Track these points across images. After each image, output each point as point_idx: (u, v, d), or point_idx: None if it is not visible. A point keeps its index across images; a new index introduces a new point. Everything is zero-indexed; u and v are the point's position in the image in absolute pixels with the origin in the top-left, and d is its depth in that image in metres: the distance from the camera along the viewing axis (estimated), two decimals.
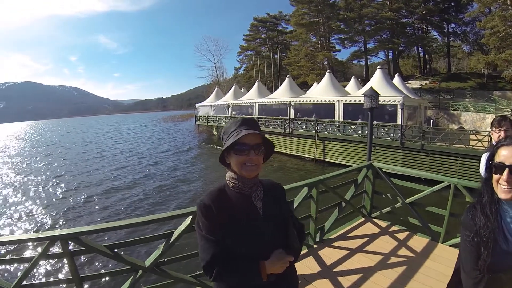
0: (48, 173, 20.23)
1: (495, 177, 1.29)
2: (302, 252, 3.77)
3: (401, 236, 4.40)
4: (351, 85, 25.99)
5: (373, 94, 4.91)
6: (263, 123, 24.27)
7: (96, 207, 12.35)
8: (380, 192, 5.06)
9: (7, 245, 7.65)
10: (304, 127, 20.74)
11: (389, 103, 17.40)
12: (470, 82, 33.50)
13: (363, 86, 23.00)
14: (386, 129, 16.06)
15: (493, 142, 2.67)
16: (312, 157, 19.17)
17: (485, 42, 28.40)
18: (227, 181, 1.48)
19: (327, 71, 25.03)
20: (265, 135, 1.40)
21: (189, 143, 33.10)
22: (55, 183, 17.06)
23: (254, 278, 1.36)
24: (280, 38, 56.90)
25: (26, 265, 2.77)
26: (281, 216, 1.51)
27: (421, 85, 34.65)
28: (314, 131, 19.36)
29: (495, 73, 32.16)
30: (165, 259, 3.06)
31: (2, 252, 7.77)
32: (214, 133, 34.33)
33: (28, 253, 6.07)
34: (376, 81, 19.16)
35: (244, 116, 27.69)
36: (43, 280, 5.92)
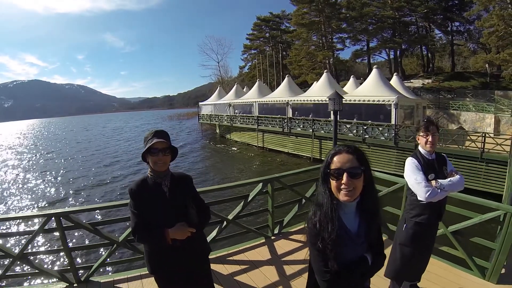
0: (50, 165, 24.62)
1: (335, 183, 1.39)
2: (258, 242, 4.53)
3: None
4: (350, 85, 26.19)
5: (336, 98, 5.06)
6: (262, 122, 24.69)
7: (91, 192, 15.88)
8: None
9: (12, 221, 9.31)
10: (301, 126, 20.96)
11: (383, 103, 17.49)
12: (473, 82, 33.08)
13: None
14: (380, 128, 16.14)
15: (419, 148, 2.78)
16: (309, 155, 19.31)
17: (483, 41, 28.22)
18: (148, 173, 2.16)
19: (325, 70, 25.25)
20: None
21: (193, 141, 34.62)
22: (59, 172, 21.44)
23: (161, 241, 2.04)
24: (283, 37, 56.77)
25: (28, 236, 3.64)
26: (183, 198, 2.17)
27: (423, 84, 34.47)
28: (311, 130, 19.67)
29: (498, 72, 31.78)
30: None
31: (9, 226, 9.58)
32: (217, 131, 34.90)
33: (29, 228, 7.08)
34: (372, 80, 19.57)
35: (244, 113, 28.64)
36: (41, 249, 7.50)
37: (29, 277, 5.85)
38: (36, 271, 3.84)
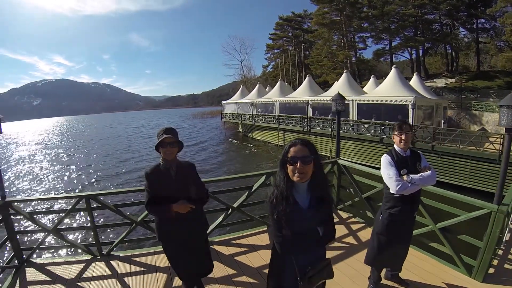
0: (79, 157, 28.27)
1: (291, 168, 1.79)
2: (260, 229, 5.04)
3: (356, 226, 5.04)
4: (370, 84, 26.19)
5: (338, 99, 5.42)
6: (283, 121, 25.03)
7: (114, 179, 18.69)
8: (345, 187, 5.60)
9: (48, 201, 11.38)
10: (321, 125, 21.17)
11: (400, 103, 17.45)
12: (499, 81, 32.12)
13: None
14: None
15: (395, 146, 3.05)
16: (328, 155, 19.56)
17: (505, 39, 27.40)
18: (160, 161, 2.75)
19: (345, 70, 25.30)
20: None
21: (213, 137, 36.30)
22: (87, 162, 24.78)
23: (166, 213, 2.64)
24: (305, 37, 56.78)
25: (62, 214, 4.43)
26: (186, 181, 2.76)
27: (446, 83, 33.73)
28: (330, 130, 19.85)
29: None
30: (152, 218, 4.29)
31: (45, 205, 11.16)
32: (240, 129, 35.41)
33: (62, 207, 7.86)
34: (390, 80, 19.60)
35: (266, 112, 29.18)
36: (73, 225, 8.87)
37: (60, 249, 7.13)
38: (66, 244, 4.65)
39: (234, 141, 32.48)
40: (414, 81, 22.48)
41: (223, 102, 41.30)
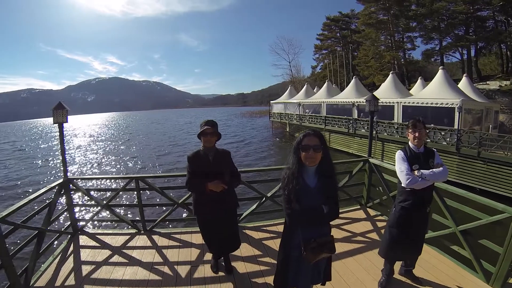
0: (129, 147, 32.91)
1: (304, 154, 2.13)
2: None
3: (381, 224, 5.11)
4: (417, 86, 25.58)
5: (372, 99, 5.78)
6: (329, 122, 25.12)
7: (161, 164, 22.26)
8: (375, 185, 5.75)
9: (103, 180, 12.70)
10: (365, 127, 20.95)
11: (446, 106, 16.85)
12: None
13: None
14: (442, 133, 15.52)
15: (409, 143, 3.23)
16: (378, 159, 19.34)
17: None
18: (200, 147, 3.30)
19: (391, 72, 24.85)
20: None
21: (258, 134, 38.30)
22: (137, 151, 29.73)
23: (201, 190, 3.21)
24: (353, 37, 55.71)
25: (113, 193, 5.17)
26: (221, 165, 3.29)
27: (500, 86, 31.78)
28: (374, 132, 19.12)
29: None
30: (191, 201, 4.86)
31: (100, 184, 12.47)
32: (287, 129, 35.59)
33: (114, 186, 8.38)
34: (436, 82, 18.97)
35: (314, 113, 30.06)
36: (122, 202, 10.31)
37: (109, 222, 8.09)
38: (115, 218, 5.40)
39: (279, 139, 33.03)
40: (463, 83, 21.40)
41: (271, 101, 42.12)
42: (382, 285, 3.39)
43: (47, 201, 4.49)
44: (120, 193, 5.30)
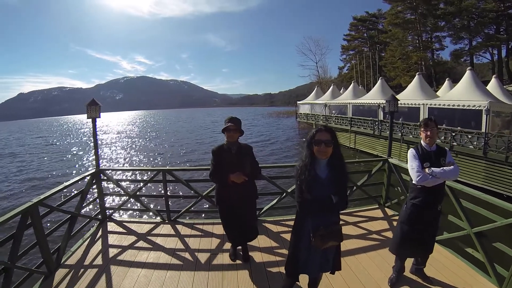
0: (157, 142, 36.35)
1: (316, 148, 2.30)
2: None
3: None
4: (444, 88, 25.07)
5: (391, 100, 5.84)
6: (355, 123, 24.96)
7: (185, 158, 24.28)
8: (394, 185, 5.74)
9: (133, 172, 14.24)
10: None
11: (473, 108, 16.29)
12: None
13: None
14: (469, 136, 14.95)
15: (421, 141, 3.25)
16: (396, 159, 19.13)
17: None
18: (224, 142, 3.53)
19: (417, 73, 24.44)
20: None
21: (283, 134, 39.02)
22: (165, 146, 32.39)
23: (224, 181, 3.44)
24: (380, 37, 54.77)
25: (141, 184, 5.54)
26: (243, 159, 3.50)
27: None
28: (400, 134, 19.07)
29: None
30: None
31: (129, 175, 13.62)
32: None
33: (142, 177, 8.71)
34: (464, 84, 18.53)
35: (340, 114, 29.89)
36: (148, 193, 9.92)
37: (136, 211, 8.44)
38: (142, 207, 5.81)
39: (305, 140, 33.07)
40: (493, 85, 20.59)
41: (298, 102, 42.16)
42: (392, 281, 3.46)
43: (80, 189, 4.95)
44: (148, 184, 5.63)
